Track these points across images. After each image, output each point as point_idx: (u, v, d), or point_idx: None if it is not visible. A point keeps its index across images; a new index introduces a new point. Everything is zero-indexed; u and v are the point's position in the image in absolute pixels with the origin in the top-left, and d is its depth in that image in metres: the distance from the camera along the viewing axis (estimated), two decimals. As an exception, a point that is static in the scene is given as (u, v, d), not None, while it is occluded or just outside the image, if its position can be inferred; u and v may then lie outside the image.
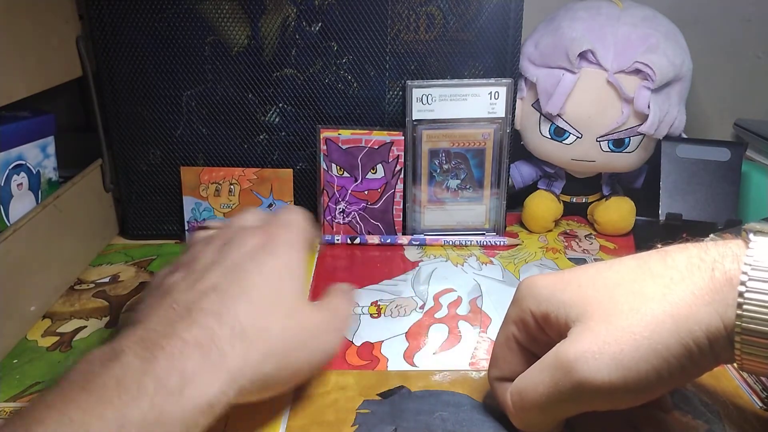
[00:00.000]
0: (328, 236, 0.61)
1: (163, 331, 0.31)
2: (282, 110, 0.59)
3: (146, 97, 0.58)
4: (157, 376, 0.29)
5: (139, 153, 0.60)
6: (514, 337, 0.36)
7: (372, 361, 0.44)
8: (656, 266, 0.31)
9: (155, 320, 0.32)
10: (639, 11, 0.60)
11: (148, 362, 0.29)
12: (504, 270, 0.57)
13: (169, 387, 0.29)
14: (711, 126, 0.75)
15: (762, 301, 0.28)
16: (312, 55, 0.57)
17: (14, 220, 0.47)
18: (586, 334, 0.30)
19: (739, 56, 0.72)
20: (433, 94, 0.58)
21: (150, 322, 0.32)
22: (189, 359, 0.30)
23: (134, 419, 0.27)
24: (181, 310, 0.33)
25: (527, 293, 0.35)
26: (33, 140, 0.52)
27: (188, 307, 0.33)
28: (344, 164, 0.60)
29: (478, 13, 0.57)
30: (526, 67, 0.62)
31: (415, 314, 0.50)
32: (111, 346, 0.30)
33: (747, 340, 0.28)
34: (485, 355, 0.44)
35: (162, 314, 0.33)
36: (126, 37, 0.56)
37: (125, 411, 0.27)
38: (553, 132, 0.61)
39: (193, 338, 0.31)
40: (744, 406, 0.39)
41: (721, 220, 0.58)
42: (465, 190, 0.61)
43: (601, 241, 0.63)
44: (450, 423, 0.37)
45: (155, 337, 0.31)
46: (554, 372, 0.31)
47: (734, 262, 0.29)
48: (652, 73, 0.56)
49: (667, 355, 0.29)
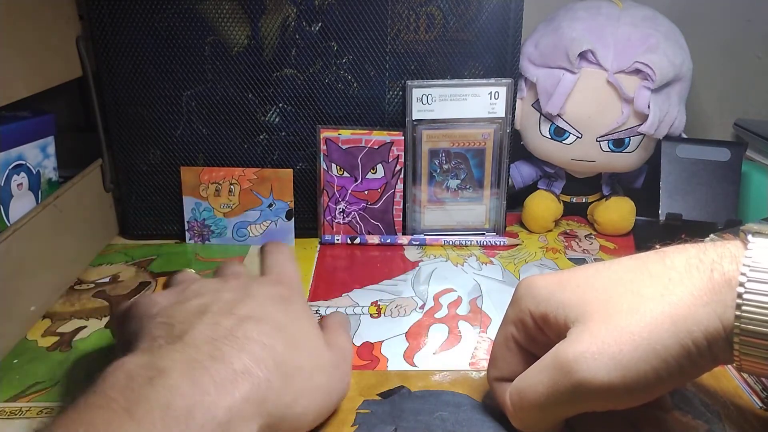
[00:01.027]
0: (328, 236, 0.61)
1: (211, 352, 0.30)
2: (282, 110, 0.59)
3: (146, 97, 0.58)
4: (207, 408, 0.28)
5: (139, 153, 0.60)
6: (513, 338, 0.36)
7: (372, 361, 0.44)
8: (655, 267, 0.31)
9: (197, 337, 0.31)
10: (639, 11, 0.60)
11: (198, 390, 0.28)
12: (504, 270, 0.57)
13: (217, 420, 0.28)
14: (711, 126, 0.75)
15: (761, 302, 0.28)
16: (312, 55, 0.57)
17: (14, 220, 0.47)
18: (586, 335, 0.30)
19: (739, 56, 0.72)
20: (433, 94, 0.58)
21: (191, 337, 0.31)
22: (237, 390, 0.29)
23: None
24: (224, 331, 0.32)
25: (526, 293, 0.35)
26: (33, 140, 0.53)
27: (231, 330, 0.32)
28: (344, 164, 0.60)
29: (478, 13, 0.57)
30: (526, 67, 0.62)
31: (415, 314, 0.50)
32: (151, 360, 0.29)
33: (746, 341, 0.28)
34: (485, 355, 0.44)
35: (203, 331, 0.32)
36: (126, 37, 0.56)
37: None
38: (553, 132, 0.61)
39: (243, 367, 0.30)
40: (744, 406, 0.39)
41: (721, 220, 0.58)
42: (465, 190, 0.61)
43: (601, 241, 0.63)
44: (450, 423, 0.37)
45: (203, 358, 0.30)
46: (553, 372, 0.31)
47: (733, 263, 0.29)
48: (652, 73, 0.56)
49: (665, 356, 0.29)
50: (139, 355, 0.30)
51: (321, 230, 0.62)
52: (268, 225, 0.61)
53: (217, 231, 0.61)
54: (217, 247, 0.60)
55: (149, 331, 0.33)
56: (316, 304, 0.51)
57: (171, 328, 0.32)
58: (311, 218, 0.62)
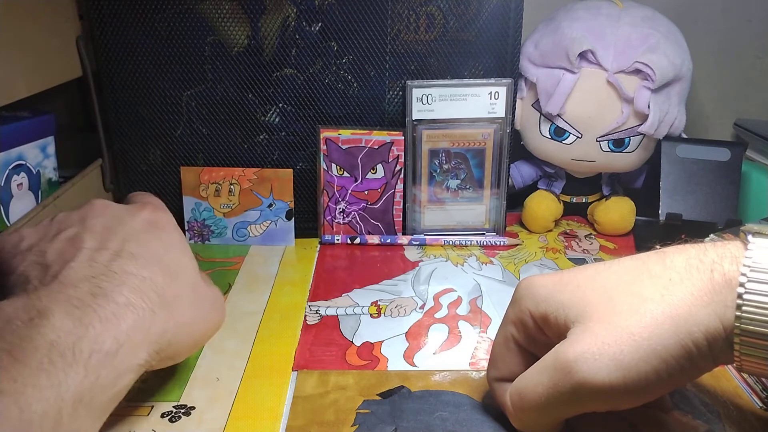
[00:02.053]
0: (328, 236, 0.61)
1: (91, 290, 0.30)
2: (282, 110, 0.59)
3: (146, 97, 0.58)
4: (93, 340, 0.28)
5: (139, 153, 0.60)
6: (513, 338, 0.36)
7: (372, 361, 0.44)
8: (655, 267, 0.31)
9: (73, 276, 0.31)
10: (639, 11, 0.60)
11: (83, 325, 0.28)
12: (504, 270, 0.57)
13: (104, 350, 0.29)
14: (711, 126, 0.75)
15: (761, 302, 0.28)
16: (312, 55, 0.57)
17: (14, 220, 0.47)
18: (586, 335, 0.30)
19: (739, 56, 0.72)
20: (433, 94, 0.58)
21: (67, 276, 0.31)
22: (122, 322, 0.30)
23: (71, 385, 0.27)
24: (101, 268, 0.32)
25: (526, 294, 0.35)
26: (33, 140, 0.53)
27: (108, 266, 0.32)
28: (344, 164, 0.60)
29: (478, 13, 0.57)
30: (526, 67, 0.62)
31: (415, 314, 0.50)
32: (28, 302, 0.29)
33: (746, 341, 0.28)
34: (485, 355, 0.44)
35: (79, 270, 0.31)
36: (126, 37, 0.56)
37: (62, 377, 0.27)
38: (553, 132, 0.61)
39: (126, 300, 0.31)
40: (744, 406, 0.39)
41: (721, 220, 0.58)
42: (465, 190, 0.61)
43: (601, 241, 0.63)
44: (450, 423, 0.38)
45: (83, 296, 0.30)
46: (554, 373, 0.31)
47: (733, 264, 0.29)
48: (652, 73, 0.56)
49: (666, 356, 0.29)
50: (14, 299, 0.29)
51: (321, 230, 0.62)
52: (268, 225, 0.61)
53: (217, 231, 0.61)
54: (217, 247, 0.60)
55: (22, 271, 0.32)
56: (316, 304, 0.51)
57: (45, 269, 0.32)
58: (311, 218, 0.62)
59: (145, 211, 0.37)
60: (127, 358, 0.30)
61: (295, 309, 0.50)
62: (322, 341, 0.46)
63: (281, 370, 0.43)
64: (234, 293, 0.52)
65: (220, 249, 0.60)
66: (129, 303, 0.31)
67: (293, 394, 0.40)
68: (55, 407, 0.26)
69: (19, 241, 0.34)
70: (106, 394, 0.29)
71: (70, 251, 0.32)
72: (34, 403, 0.26)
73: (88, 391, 0.28)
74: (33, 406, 0.25)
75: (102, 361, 0.29)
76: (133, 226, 0.35)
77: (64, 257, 0.32)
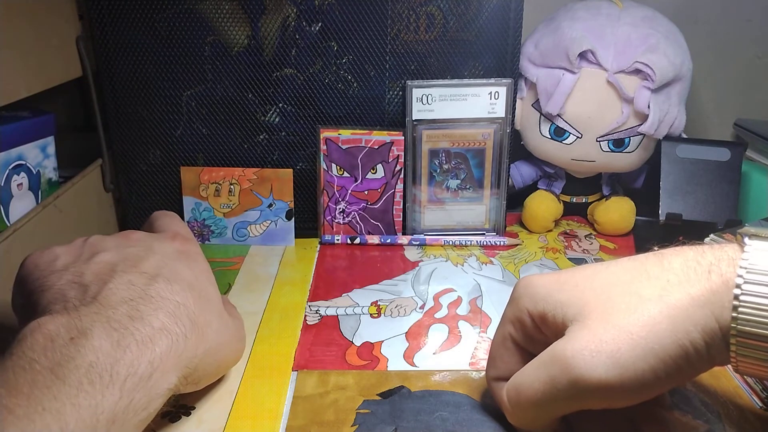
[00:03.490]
0: (328, 236, 0.61)
1: (129, 312, 0.31)
2: (282, 110, 0.59)
3: (146, 97, 0.58)
4: (129, 364, 0.29)
5: (139, 153, 0.60)
6: (511, 337, 0.36)
7: (372, 361, 0.44)
8: (653, 268, 0.32)
9: (113, 297, 0.32)
10: (639, 11, 0.60)
11: (120, 348, 0.29)
12: (504, 270, 0.57)
13: (139, 374, 0.29)
14: (711, 126, 0.75)
15: (757, 304, 0.28)
16: (312, 55, 0.57)
17: (14, 220, 0.47)
18: (584, 333, 0.31)
19: (739, 56, 0.72)
20: (433, 94, 0.58)
21: (106, 298, 0.31)
22: (157, 346, 0.31)
23: (107, 407, 0.28)
24: (138, 291, 0.33)
25: (524, 293, 0.35)
26: (33, 140, 0.53)
27: (145, 290, 0.33)
28: (344, 164, 0.60)
29: (478, 13, 0.57)
30: (526, 67, 0.62)
31: (415, 314, 0.50)
32: (69, 320, 0.29)
33: (742, 342, 0.28)
34: (485, 355, 0.44)
35: (117, 292, 0.32)
36: (126, 37, 0.56)
37: (98, 399, 0.27)
38: (553, 132, 0.61)
39: (161, 324, 0.32)
40: (744, 406, 0.39)
41: (721, 220, 0.58)
42: (465, 190, 0.61)
43: (601, 241, 0.63)
44: (450, 423, 0.38)
45: (122, 318, 0.31)
46: (551, 369, 0.31)
47: (730, 266, 0.29)
48: (652, 73, 0.56)
49: (663, 356, 0.29)
50: (56, 317, 0.30)
51: (321, 230, 0.62)
52: (268, 225, 0.61)
53: (217, 231, 0.61)
54: (217, 247, 0.61)
55: (59, 290, 0.33)
56: (316, 304, 0.51)
57: (84, 289, 0.32)
58: (311, 218, 0.62)
59: (176, 242, 0.38)
60: (159, 383, 0.31)
61: (295, 309, 0.50)
62: (322, 341, 0.46)
63: (281, 370, 0.43)
64: (234, 293, 0.53)
65: (220, 249, 0.60)
66: (164, 327, 0.32)
67: (293, 394, 0.40)
68: (90, 427, 0.27)
69: (54, 259, 0.35)
70: (137, 417, 0.30)
71: (107, 273, 0.33)
72: (72, 422, 0.26)
73: (122, 413, 0.28)
74: (71, 425, 0.26)
75: (136, 385, 0.29)
76: (166, 253, 0.36)
77: (102, 278, 0.33)
